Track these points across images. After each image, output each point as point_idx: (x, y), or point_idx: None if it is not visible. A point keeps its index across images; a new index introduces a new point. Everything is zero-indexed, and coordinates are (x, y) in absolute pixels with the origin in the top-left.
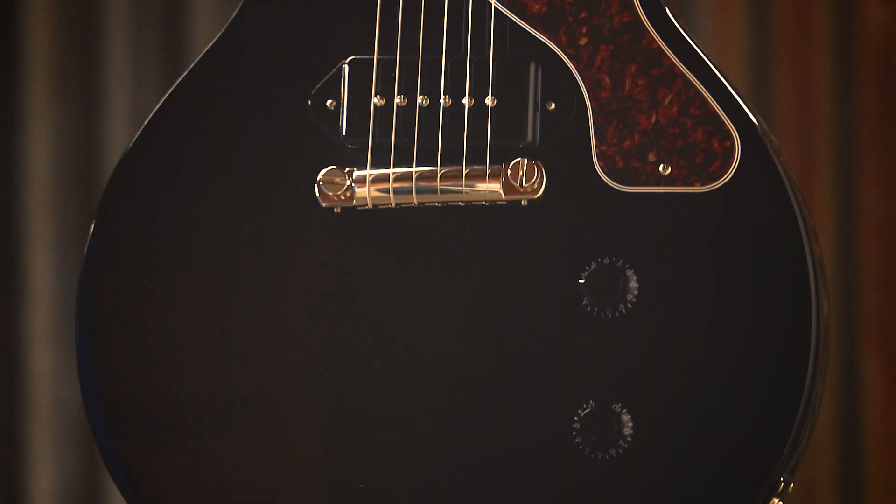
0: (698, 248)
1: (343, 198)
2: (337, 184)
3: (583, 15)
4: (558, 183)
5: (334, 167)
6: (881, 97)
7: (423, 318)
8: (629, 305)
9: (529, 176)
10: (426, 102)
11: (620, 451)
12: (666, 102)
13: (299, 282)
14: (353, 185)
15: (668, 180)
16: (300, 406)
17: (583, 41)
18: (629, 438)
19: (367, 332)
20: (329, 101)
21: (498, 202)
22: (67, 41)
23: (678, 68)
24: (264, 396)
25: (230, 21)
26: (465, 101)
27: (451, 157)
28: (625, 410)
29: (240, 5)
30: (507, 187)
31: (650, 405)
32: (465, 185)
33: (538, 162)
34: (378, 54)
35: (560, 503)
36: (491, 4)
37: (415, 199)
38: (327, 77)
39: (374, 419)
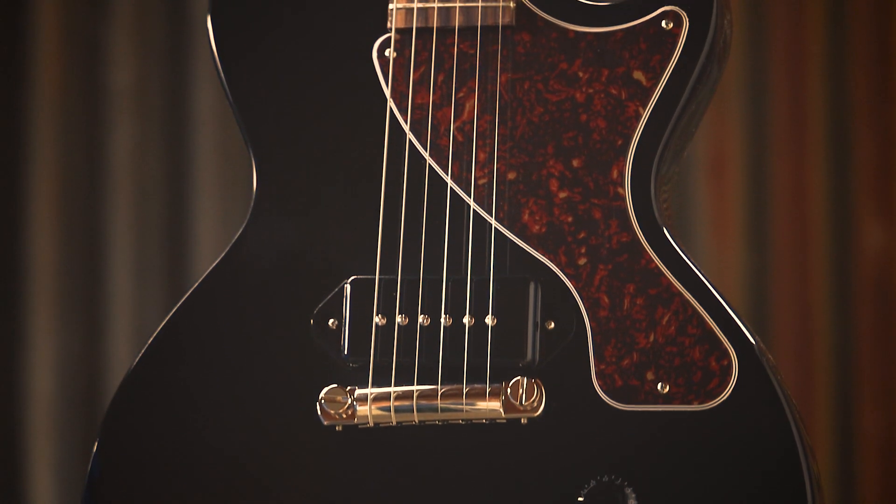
0: (697, 466)
1: (345, 416)
2: (339, 402)
3: (582, 235)
4: (558, 401)
5: (336, 386)
6: (878, 322)
7: None
8: None
9: (529, 394)
10: (427, 322)
11: None
12: (664, 322)
13: (301, 500)
14: (355, 403)
15: (666, 398)
16: None
17: (582, 261)
18: None
19: None
20: (331, 321)
21: (498, 420)
22: (71, 262)
23: (676, 288)
24: None
25: (233, 242)
26: (466, 320)
27: (452, 376)
28: None
29: (243, 226)
30: (507, 406)
31: None
32: (466, 404)
33: (538, 380)
34: (379, 274)
35: None
36: (491, 225)
37: (416, 417)
38: (329, 297)
39: None
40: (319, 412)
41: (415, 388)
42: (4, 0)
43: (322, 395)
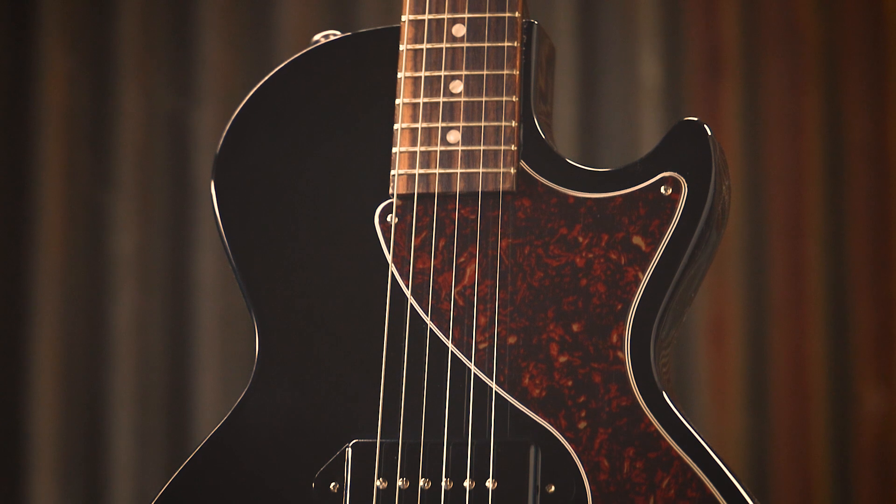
0: None
1: None
2: None
3: (582, 399)
4: None
5: None
6: (878, 487)
7: None
8: None
9: None
10: (428, 485)
11: None
12: (664, 485)
13: None
14: None
15: None
16: None
17: (582, 425)
18: None
19: None
20: (333, 484)
21: None
22: (71, 427)
23: (676, 451)
24: None
25: (235, 406)
26: (467, 483)
27: None
28: None
29: (245, 390)
30: None
31: None
32: None
33: None
34: (381, 438)
35: None
36: (492, 389)
37: None
38: (331, 460)
39: None
40: None
41: None
42: (12, 174)
43: None
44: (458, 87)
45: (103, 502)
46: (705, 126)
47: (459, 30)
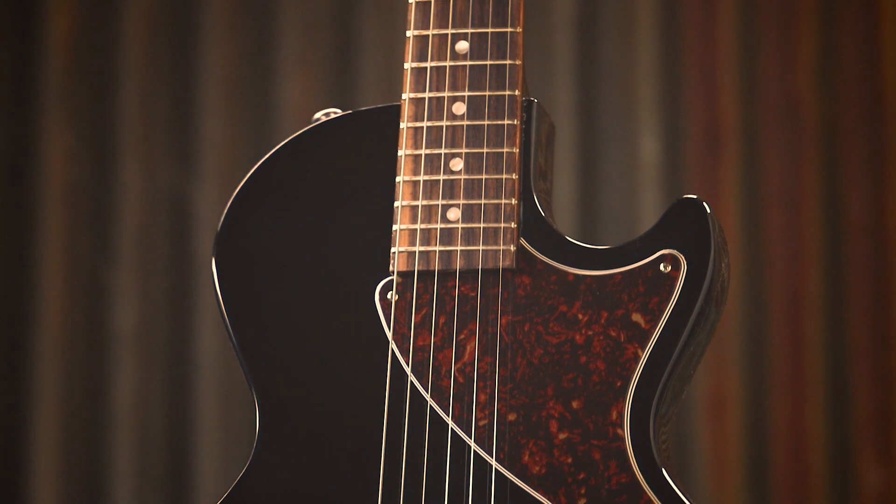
0: None
1: None
2: None
3: (581, 476)
4: None
5: None
6: None
7: None
8: None
9: None
10: None
11: None
12: None
13: None
14: None
15: None
16: None
17: (581, 502)
18: None
19: None
20: None
21: None
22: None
23: None
24: None
25: (235, 483)
26: None
27: None
28: None
29: (246, 467)
30: None
31: None
32: None
33: None
34: None
35: None
36: (492, 466)
37: None
38: None
39: None
40: None
41: None
42: (13, 249)
43: None
44: (458, 164)
45: None
46: (704, 203)
47: (460, 108)
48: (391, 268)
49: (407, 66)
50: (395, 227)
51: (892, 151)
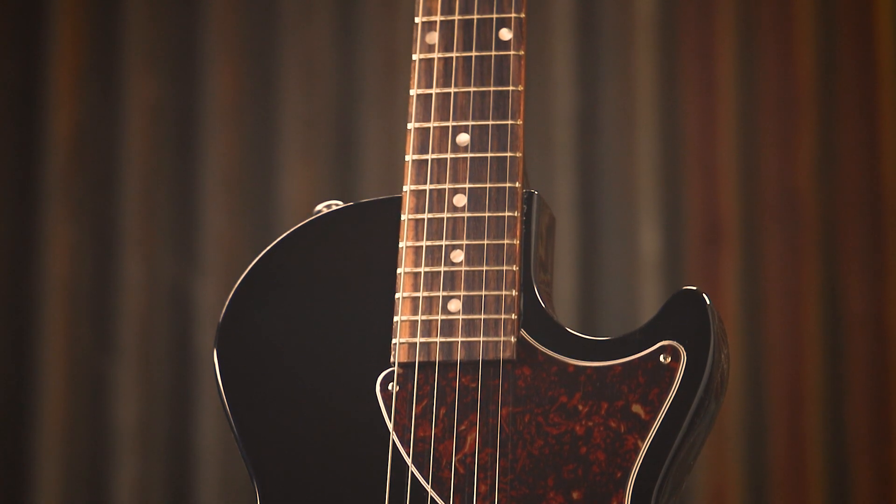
0: None
1: None
2: None
3: None
4: None
5: None
6: None
7: None
8: None
9: None
10: None
11: None
12: None
13: None
14: None
15: None
16: None
17: None
18: None
19: None
20: None
21: None
22: None
23: None
24: None
25: None
26: None
27: None
28: None
29: None
30: None
31: None
32: None
33: None
34: None
35: None
36: None
37: None
38: None
39: None
40: None
41: None
42: (14, 342)
43: None
44: (458, 256)
45: None
46: (704, 295)
47: (460, 199)
48: (392, 359)
49: (408, 158)
50: (396, 319)
51: (891, 244)
